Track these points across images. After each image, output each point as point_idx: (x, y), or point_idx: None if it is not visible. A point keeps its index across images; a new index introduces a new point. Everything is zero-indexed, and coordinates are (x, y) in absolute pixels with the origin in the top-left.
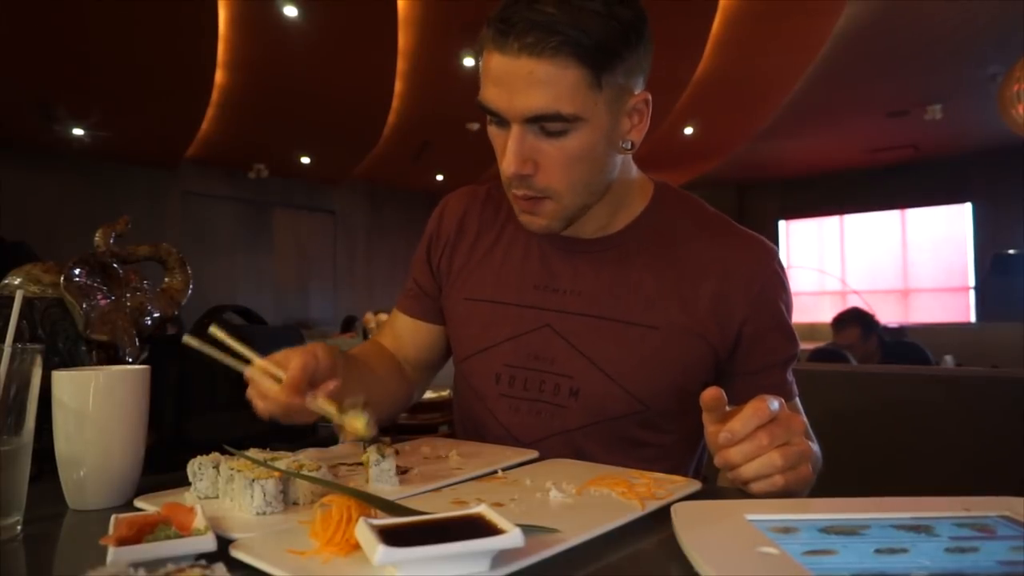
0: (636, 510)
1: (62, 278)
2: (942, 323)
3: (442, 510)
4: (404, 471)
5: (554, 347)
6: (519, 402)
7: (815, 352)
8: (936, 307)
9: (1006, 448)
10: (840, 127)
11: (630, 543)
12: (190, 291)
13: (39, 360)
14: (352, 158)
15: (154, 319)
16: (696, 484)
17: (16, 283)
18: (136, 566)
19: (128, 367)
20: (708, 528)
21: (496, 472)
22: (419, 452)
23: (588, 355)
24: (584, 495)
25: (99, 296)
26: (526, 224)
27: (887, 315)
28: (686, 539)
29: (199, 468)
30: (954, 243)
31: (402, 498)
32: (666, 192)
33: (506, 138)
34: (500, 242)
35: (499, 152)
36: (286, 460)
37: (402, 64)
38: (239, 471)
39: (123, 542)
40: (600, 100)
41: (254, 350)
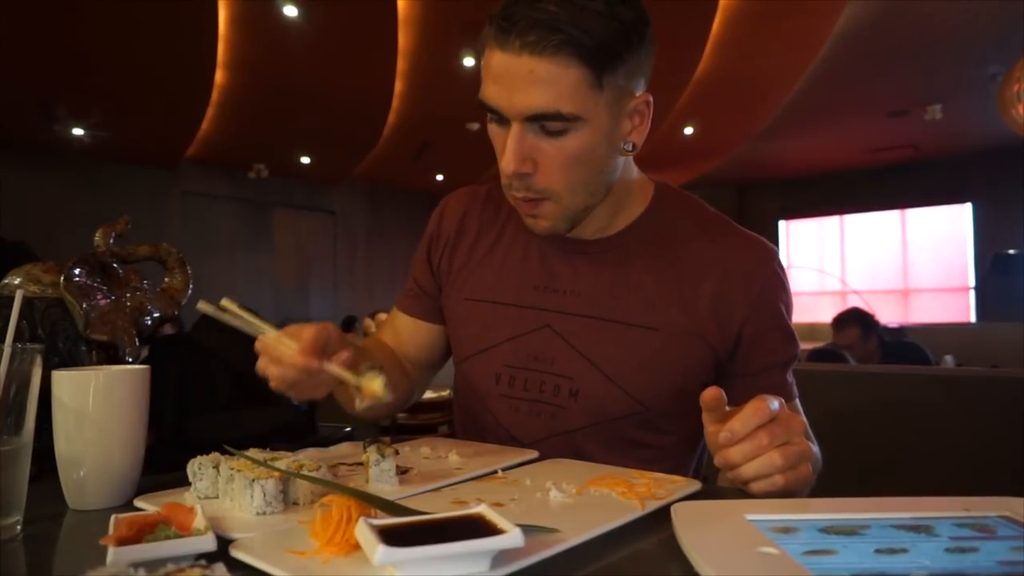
0: (636, 510)
1: (62, 278)
2: (942, 323)
3: (442, 510)
4: (404, 471)
5: (554, 348)
6: (519, 403)
7: (813, 352)
8: (936, 307)
9: (1006, 448)
10: (840, 127)
11: (630, 543)
12: (190, 291)
13: (39, 360)
14: (352, 158)
15: (154, 319)
16: (696, 484)
17: (16, 283)
18: (136, 566)
19: (128, 367)
20: (708, 528)
21: (496, 472)
22: (419, 452)
23: (588, 356)
24: (584, 495)
25: (99, 296)
26: (530, 227)
27: (887, 315)
28: (686, 539)
29: (199, 468)
30: (954, 243)
31: (402, 498)
32: (666, 193)
33: (506, 137)
34: (500, 242)
35: (499, 151)
36: (286, 460)
37: (402, 64)
38: (239, 471)
39: (123, 542)
40: (601, 101)
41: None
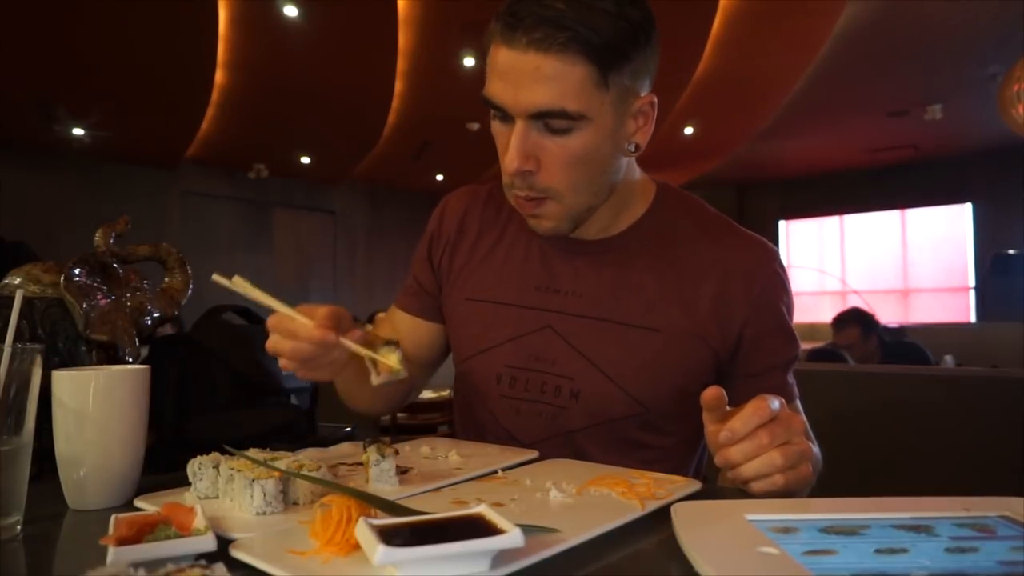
0: (636, 510)
1: (62, 278)
2: (942, 323)
3: (442, 510)
4: (404, 471)
5: (555, 348)
6: (520, 403)
7: (813, 352)
8: (936, 307)
9: (1006, 448)
10: (840, 127)
11: (630, 543)
12: (190, 291)
13: (39, 360)
14: (352, 158)
15: (154, 319)
16: (696, 484)
17: (16, 283)
18: (136, 566)
19: (128, 367)
20: (708, 528)
21: (496, 472)
22: (419, 452)
23: (589, 356)
24: (584, 495)
25: (99, 296)
26: (533, 227)
27: (887, 315)
28: (686, 539)
29: (199, 468)
30: (954, 243)
31: (402, 498)
32: (667, 193)
33: (509, 135)
34: (502, 242)
35: (501, 149)
36: (286, 460)
37: (402, 64)
38: (239, 471)
39: (123, 542)
40: (606, 100)
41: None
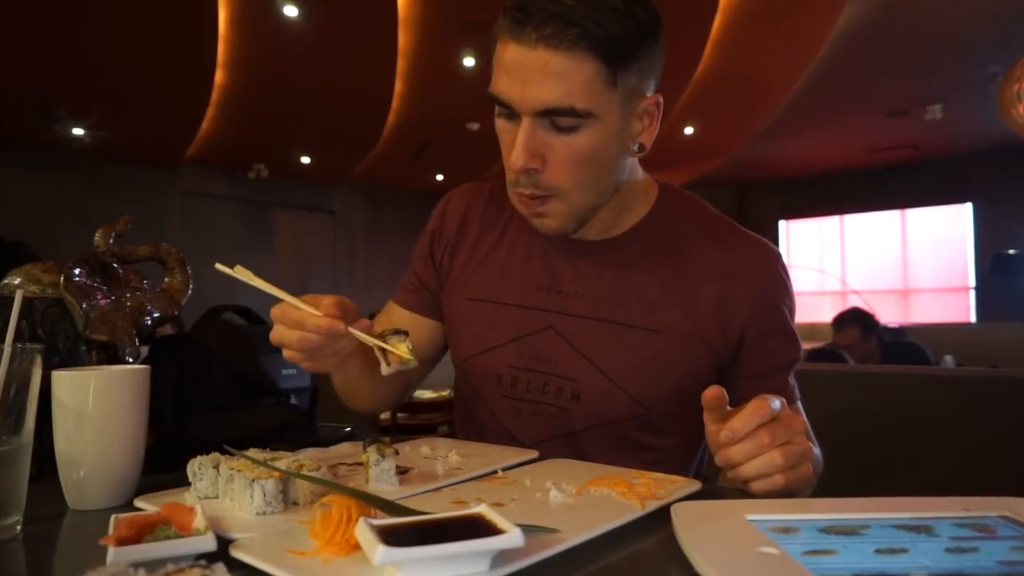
0: (636, 510)
1: (62, 278)
2: (942, 323)
3: (442, 510)
4: (404, 471)
5: (556, 349)
6: (521, 404)
7: (813, 352)
8: (936, 307)
9: (1006, 448)
10: (840, 127)
11: (630, 543)
12: (190, 291)
13: (39, 360)
14: (352, 158)
15: (154, 319)
16: (696, 484)
17: (16, 283)
18: (136, 566)
19: (128, 367)
20: (708, 528)
21: (496, 472)
22: (419, 452)
23: (590, 357)
24: (584, 495)
25: (99, 296)
26: (536, 226)
27: (887, 315)
28: (686, 539)
29: (199, 468)
30: (954, 243)
31: (402, 498)
32: (670, 194)
33: (515, 132)
34: (503, 242)
35: (506, 148)
36: (286, 460)
37: (402, 64)
38: (239, 471)
39: (123, 542)
40: (614, 99)
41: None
